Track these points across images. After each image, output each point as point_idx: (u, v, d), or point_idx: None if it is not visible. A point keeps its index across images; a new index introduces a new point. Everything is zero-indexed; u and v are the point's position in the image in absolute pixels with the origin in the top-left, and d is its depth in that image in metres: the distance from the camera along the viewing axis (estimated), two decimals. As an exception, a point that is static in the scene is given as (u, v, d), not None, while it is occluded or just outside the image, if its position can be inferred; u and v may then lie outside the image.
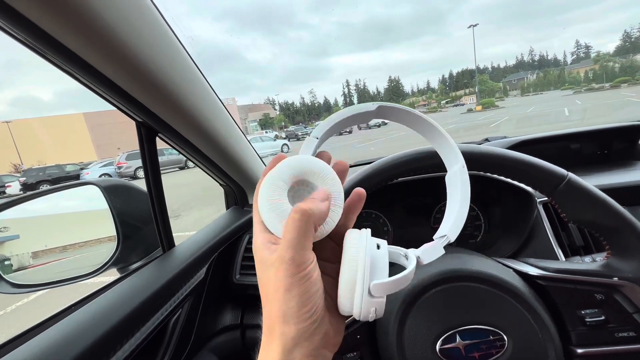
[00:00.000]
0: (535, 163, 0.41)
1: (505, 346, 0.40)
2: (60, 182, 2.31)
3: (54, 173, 14.78)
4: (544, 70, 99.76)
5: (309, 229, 0.24)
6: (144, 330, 0.49)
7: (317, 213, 0.24)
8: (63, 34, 0.37)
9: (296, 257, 0.23)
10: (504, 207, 0.77)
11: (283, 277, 0.23)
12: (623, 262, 0.40)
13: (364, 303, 0.24)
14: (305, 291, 0.23)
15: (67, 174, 14.92)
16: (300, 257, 0.23)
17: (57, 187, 0.67)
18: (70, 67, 0.41)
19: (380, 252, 0.26)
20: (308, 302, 0.23)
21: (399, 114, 0.31)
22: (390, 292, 0.25)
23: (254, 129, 62.81)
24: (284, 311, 0.23)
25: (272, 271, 0.24)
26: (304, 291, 0.23)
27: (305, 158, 0.27)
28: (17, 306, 2.62)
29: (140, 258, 0.68)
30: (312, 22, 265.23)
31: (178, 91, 0.52)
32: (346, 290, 0.25)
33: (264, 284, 0.25)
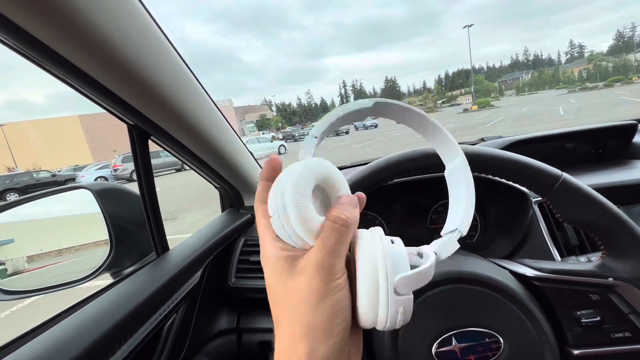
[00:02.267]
0: (530, 163, 0.41)
1: (502, 348, 0.40)
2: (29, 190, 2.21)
3: (23, 181, 13.64)
4: (538, 70, 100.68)
5: (347, 236, 0.23)
6: (137, 336, 0.49)
7: (353, 220, 0.23)
8: (51, 38, 0.36)
9: (335, 264, 0.22)
10: (499, 208, 0.77)
11: (317, 285, 0.21)
12: (618, 262, 0.40)
13: (391, 303, 0.22)
14: (339, 301, 0.22)
15: (37, 181, 13.78)
16: (338, 265, 0.22)
17: (50, 191, 0.66)
18: (58, 71, 0.41)
19: (397, 247, 0.25)
20: (340, 314, 0.22)
21: (395, 111, 0.30)
22: (416, 287, 0.23)
23: (251, 130, 62.71)
24: (314, 325, 0.21)
25: (303, 279, 0.22)
26: (337, 301, 0.21)
27: (325, 163, 0.25)
28: (12, 311, 2.59)
29: (134, 262, 0.67)
30: (305, 23, 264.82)
31: (169, 93, 0.51)
32: (368, 292, 0.22)
33: (284, 295, 0.23)
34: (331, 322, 0.21)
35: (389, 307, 0.22)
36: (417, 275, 0.23)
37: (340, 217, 0.23)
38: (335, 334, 0.21)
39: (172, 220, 4.55)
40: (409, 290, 0.23)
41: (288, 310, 0.22)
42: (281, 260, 0.23)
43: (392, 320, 0.23)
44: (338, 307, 0.22)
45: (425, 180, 0.78)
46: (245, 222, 0.83)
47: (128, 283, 0.56)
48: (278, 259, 0.23)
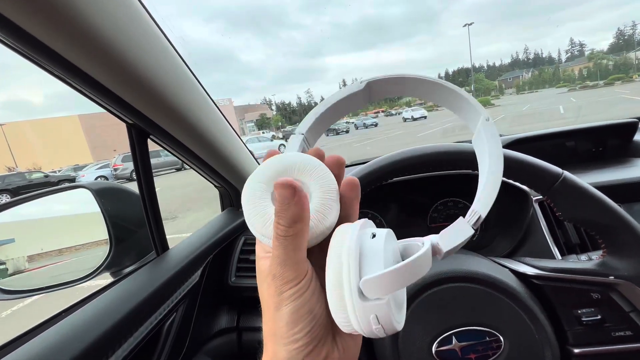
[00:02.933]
0: (530, 162, 0.41)
1: (502, 347, 0.39)
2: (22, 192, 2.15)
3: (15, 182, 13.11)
4: (539, 69, 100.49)
5: (293, 242, 0.20)
6: (138, 335, 0.49)
7: (291, 222, 0.20)
8: (49, 37, 0.36)
9: (285, 273, 0.21)
10: (500, 206, 0.77)
11: (272, 295, 0.21)
12: (619, 261, 0.40)
13: (356, 310, 0.18)
14: (295, 310, 0.20)
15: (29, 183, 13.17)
16: (291, 274, 0.21)
17: (49, 190, 0.66)
18: (57, 70, 0.40)
19: (374, 241, 0.20)
20: (299, 322, 0.20)
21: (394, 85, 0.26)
22: (392, 289, 0.19)
23: (251, 130, 62.69)
24: (274, 331, 0.21)
25: (264, 286, 0.22)
26: (293, 310, 0.20)
27: (285, 154, 0.23)
28: (13, 311, 2.59)
29: (134, 262, 0.67)
30: (304, 23, 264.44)
31: (168, 92, 0.51)
32: (333, 296, 0.19)
33: (260, 297, 0.23)
34: (289, 329, 0.21)
35: (357, 315, 0.19)
36: (389, 275, 0.18)
37: (277, 227, 0.20)
38: (293, 341, 0.20)
39: (172, 219, 4.55)
40: (381, 294, 0.19)
41: (263, 310, 0.23)
42: (260, 263, 0.24)
43: (367, 331, 0.19)
44: (296, 316, 0.20)
45: (426, 178, 0.78)
46: (244, 221, 0.83)
47: (128, 282, 0.56)
48: (259, 261, 0.24)
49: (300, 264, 0.21)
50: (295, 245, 0.20)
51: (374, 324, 0.19)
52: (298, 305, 0.20)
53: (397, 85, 0.26)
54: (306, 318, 0.21)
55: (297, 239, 0.20)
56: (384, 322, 0.19)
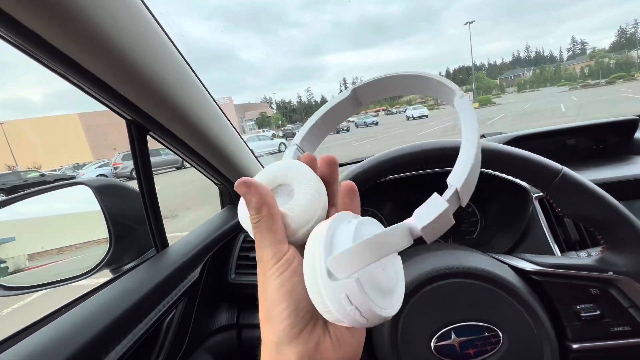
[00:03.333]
0: (530, 158, 0.41)
1: (501, 342, 0.40)
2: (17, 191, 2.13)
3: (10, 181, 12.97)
4: (540, 67, 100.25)
5: (263, 225, 0.23)
6: (137, 331, 0.49)
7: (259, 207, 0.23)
8: (49, 32, 0.36)
9: (264, 254, 0.23)
10: (499, 203, 0.77)
11: (260, 279, 0.23)
12: (618, 257, 0.40)
13: (327, 290, 0.18)
14: (277, 288, 0.22)
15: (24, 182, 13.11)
16: (268, 254, 0.22)
17: (49, 187, 0.66)
18: (56, 66, 0.40)
19: (348, 225, 0.20)
20: (282, 301, 0.21)
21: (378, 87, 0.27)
22: (359, 265, 0.18)
23: (251, 128, 62.66)
24: (261, 311, 0.23)
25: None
26: (276, 288, 0.22)
27: (274, 163, 0.26)
28: (13, 309, 2.60)
29: (134, 259, 0.67)
30: (304, 21, 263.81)
31: (168, 88, 0.51)
32: (308, 281, 0.19)
33: None
34: (273, 309, 0.22)
35: (327, 297, 0.18)
36: (355, 250, 0.18)
37: (250, 218, 0.23)
38: (279, 320, 0.21)
39: (172, 218, 4.56)
40: (350, 272, 0.18)
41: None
42: None
43: (342, 314, 0.19)
44: (279, 294, 0.22)
45: (425, 175, 0.78)
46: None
47: (127, 279, 0.56)
48: None
49: (276, 244, 0.23)
50: (267, 227, 0.23)
51: (347, 304, 0.18)
52: (279, 284, 0.22)
53: (381, 86, 0.27)
54: (289, 297, 0.21)
55: (266, 222, 0.23)
56: (356, 302, 0.18)
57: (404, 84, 0.28)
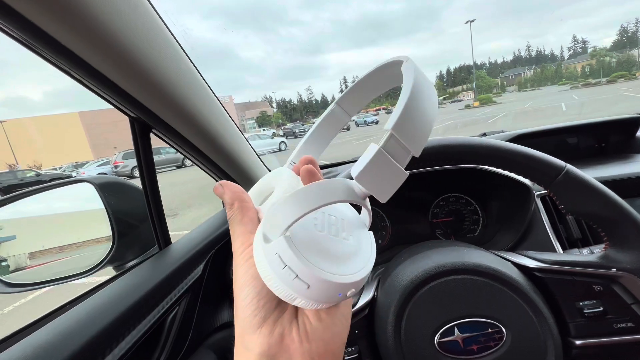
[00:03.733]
0: (533, 154, 0.41)
1: (504, 338, 0.40)
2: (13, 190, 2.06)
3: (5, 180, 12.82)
4: (541, 66, 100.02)
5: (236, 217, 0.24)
6: (140, 328, 0.49)
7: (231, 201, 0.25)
8: (52, 27, 0.36)
9: (235, 245, 0.24)
10: (502, 201, 0.77)
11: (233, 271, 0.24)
12: (621, 253, 0.40)
13: (264, 256, 0.17)
14: (242, 274, 0.21)
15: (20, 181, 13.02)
16: (238, 244, 0.23)
17: (51, 185, 0.66)
18: (60, 62, 0.40)
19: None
20: (245, 286, 0.21)
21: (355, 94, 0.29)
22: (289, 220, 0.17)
23: (251, 127, 62.63)
24: (235, 302, 0.22)
25: None
26: (241, 274, 0.22)
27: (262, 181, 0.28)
28: (15, 307, 2.61)
29: (136, 256, 0.67)
30: (304, 19, 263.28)
31: (171, 85, 0.51)
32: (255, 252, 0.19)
33: None
34: (238, 294, 0.22)
35: (266, 262, 0.17)
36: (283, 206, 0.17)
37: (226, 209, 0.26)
38: (242, 306, 0.21)
39: (173, 216, 4.56)
40: (280, 231, 0.17)
41: None
42: None
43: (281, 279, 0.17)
44: (244, 280, 0.21)
45: (427, 173, 0.78)
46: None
47: (130, 276, 0.56)
48: None
49: (245, 234, 0.23)
50: (237, 220, 0.24)
51: (280, 265, 0.17)
52: (244, 271, 0.22)
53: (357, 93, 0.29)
54: (252, 281, 0.21)
55: (236, 216, 0.24)
56: (288, 261, 0.17)
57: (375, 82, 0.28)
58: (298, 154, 0.29)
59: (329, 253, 0.19)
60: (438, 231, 0.82)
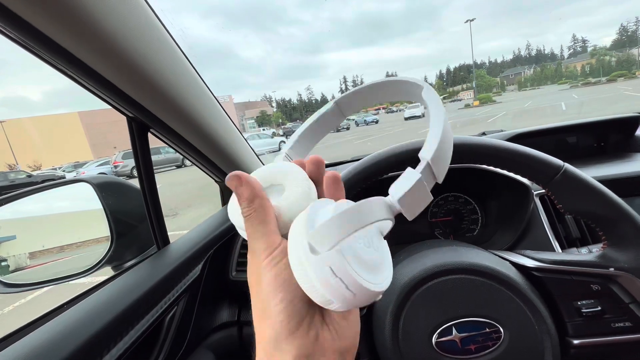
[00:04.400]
0: (531, 154, 0.41)
1: (502, 338, 0.40)
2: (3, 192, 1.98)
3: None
4: (541, 65, 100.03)
5: (254, 218, 0.22)
6: (139, 328, 0.49)
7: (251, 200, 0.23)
8: (49, 28, 0.36)
9: (257, 245, 0.22)
10: (500, 201, 0.77)
11: (253, 272, 0.22)
12: (619, 253, 0.40)
13: (309, 266, 0.18)
14: (272, 279, 0.21)
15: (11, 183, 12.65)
16: (262, 245, 0.22)
17: (50, 185, 0.66)
18: (58, 62, 0.40)
19: (327, 206, 0.21)
20: (277, 292, 0.20)
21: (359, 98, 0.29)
22: (340, 237, 0.18)
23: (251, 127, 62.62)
24: (258, 307, 0.22)
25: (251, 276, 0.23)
26: (270, 279, 0.21)
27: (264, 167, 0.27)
28: (15, 307, 2.61)
29: (135, 256, 0.67)
30: (303, 18, 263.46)
31: (169, 85, 0.51)
32: (293, 262, 0.19)
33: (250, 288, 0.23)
34: (268, 302, 0.21)
35: (312, 272, 0.18)
36: (334, 222, 0.18)
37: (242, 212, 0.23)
38: (275, 312, 0.20)
39: (172, 216, 4.56)
40: (331, 244, 0.18)
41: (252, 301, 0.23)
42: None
43: (327, 289, 0.18)
44: (274, 285, 0.21)
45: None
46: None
47: (129, 276, 0.56)
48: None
49: (270, 235, 0.22)
50: (260, 219, 0.22)
51: (331, 277, 0.18)
52: (274, 275, 0.21)
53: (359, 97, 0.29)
54: (284, 288, 0.21)
55: (259, 213, 0.23)
56: (340, 273, 0.18)
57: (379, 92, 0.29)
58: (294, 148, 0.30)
59: (367, 263, 0.20)
60: (437, 230, 0.82)
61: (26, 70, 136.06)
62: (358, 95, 0.29)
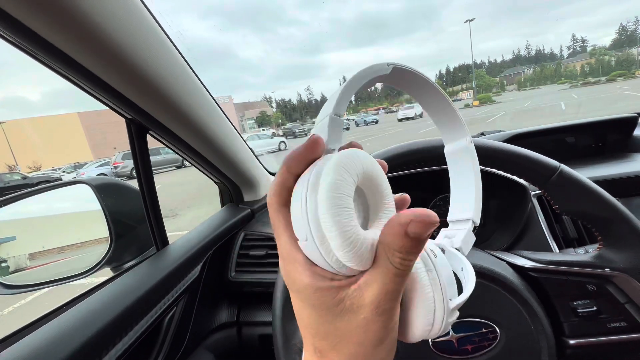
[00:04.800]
0: (527, 155, 0.41)
1: (498, 338, 0.40)
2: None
3: None
4: (540, 65, 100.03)
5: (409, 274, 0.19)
6: (138, 329, 0.49)
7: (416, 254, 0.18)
8: (48, 31, 0.36)
9: (396, 307, 0.19)
10: (498, 201, 0.77)
11: (376, 330, 0.18)
12: (615, 253, 0.40)
13: (444, 325, 0.22)
14: (395, 339, 0.20)
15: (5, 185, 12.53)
16: (398, 306, 0.19)
17: (50, 186, 0.66)
18: (56, 64, 0.41)
19: (443, 260, 0.23)
20: (394, 350, 0.20)
21: (411, 79, 0.25)
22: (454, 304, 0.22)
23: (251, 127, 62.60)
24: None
25: (357, 321, 0.18)
26: (394, 339, 0.20)
27: (361, 155, 0.19)
28: (15, 307, 2.61)
29: (134, 257, 0.68)
30: (302, 19, 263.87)
31: (167, 87, 0.51)
32: (426, 314, 0.21)
33: (330, 332, 0.19)
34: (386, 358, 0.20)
35: (443, 328, 0.22)
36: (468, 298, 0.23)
37: (406, 261, 0.17)
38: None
39: (172, 217, 4.56)
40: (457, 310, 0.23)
41: (337, 347, 0.19)
42: (323, 292, 0.18)
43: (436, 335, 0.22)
44: (393, 345, 0.20)
45: (425, 173, 0.78)
46: (245, 216, 0.83)
47: (128, 277, 0.56)
48: (316, 291, 0.18)
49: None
50: (404, 277, 0.18)
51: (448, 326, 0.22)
52: (396, 332, 0.20)
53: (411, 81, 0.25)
54: (396, 343, 0.21)
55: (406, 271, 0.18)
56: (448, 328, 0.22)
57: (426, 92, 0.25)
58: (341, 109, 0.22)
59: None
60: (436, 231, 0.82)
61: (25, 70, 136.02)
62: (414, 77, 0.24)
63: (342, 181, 0.17)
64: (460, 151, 0.27)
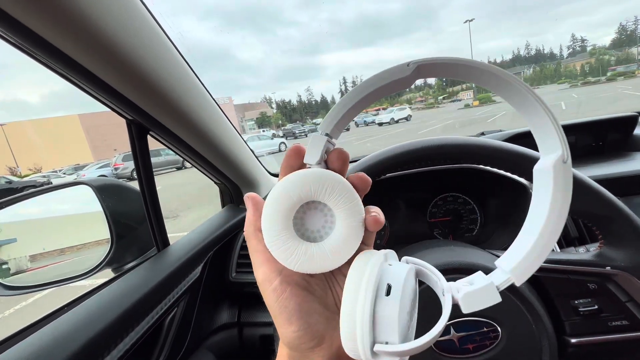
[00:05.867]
0: (527, 153, 0.41)
1: (499, 337, 0.40)
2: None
3: None
4: (540, 65, 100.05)
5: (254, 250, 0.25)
6: (139, 329, 0.49)
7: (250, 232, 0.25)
8: (49, 32, 0.36)
9: (259, 275, 0.24)
10: (499, 200, 0.77)
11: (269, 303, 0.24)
12: (616, 252, 0.40)
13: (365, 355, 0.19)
14: (283, 309, 0.23)
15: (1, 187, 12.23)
16: (263, 275, 0.24)
17: (49, 188, 0.66)
18: (57, 66, 0.41)
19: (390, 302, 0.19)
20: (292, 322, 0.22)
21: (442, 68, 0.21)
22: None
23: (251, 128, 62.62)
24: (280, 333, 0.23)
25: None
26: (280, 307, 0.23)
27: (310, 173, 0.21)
28: (16, 309, 2.61)
29: (135, 258, 0.68)
30: (301, 20, 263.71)
31: (168, 88, 0.51)
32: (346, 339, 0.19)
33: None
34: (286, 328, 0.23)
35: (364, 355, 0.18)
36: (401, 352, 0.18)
37: None
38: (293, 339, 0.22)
39: (173, 218, 4.56)
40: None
41: None
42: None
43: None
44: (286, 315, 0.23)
45: (425, 173, 0.78)
46: (244, 217, 0.83)
47: (129, 278, 0.56)
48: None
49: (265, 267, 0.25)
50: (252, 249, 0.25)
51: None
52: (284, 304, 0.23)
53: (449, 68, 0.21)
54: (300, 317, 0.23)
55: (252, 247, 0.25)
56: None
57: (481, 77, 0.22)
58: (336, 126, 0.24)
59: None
60: (436, 231, 0.82)
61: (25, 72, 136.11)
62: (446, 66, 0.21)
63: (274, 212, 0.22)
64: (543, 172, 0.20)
